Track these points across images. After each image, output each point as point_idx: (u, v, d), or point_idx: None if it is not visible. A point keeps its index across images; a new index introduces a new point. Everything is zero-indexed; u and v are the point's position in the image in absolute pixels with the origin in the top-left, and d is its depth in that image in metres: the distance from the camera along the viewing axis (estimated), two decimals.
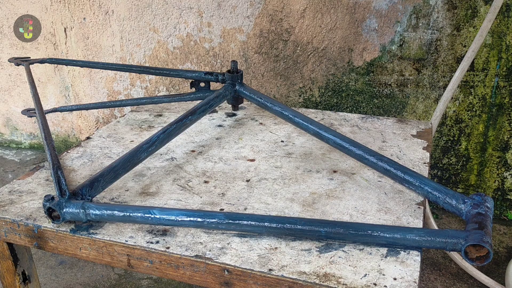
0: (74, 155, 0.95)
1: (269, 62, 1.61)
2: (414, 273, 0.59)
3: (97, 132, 1.06)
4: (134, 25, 1.76)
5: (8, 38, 2.01)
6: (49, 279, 1.39)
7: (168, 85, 1.81)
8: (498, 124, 1.41)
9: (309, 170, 0.86)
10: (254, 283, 0.61)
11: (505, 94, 1.37)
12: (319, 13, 1.49)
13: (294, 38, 1.55)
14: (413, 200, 0.75)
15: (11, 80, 2.11)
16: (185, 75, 1.19)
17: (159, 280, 1.37)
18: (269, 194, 0.78)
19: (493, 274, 1.30)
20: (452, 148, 1.49)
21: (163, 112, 1.18)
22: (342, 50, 1.51)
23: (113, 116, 1.99)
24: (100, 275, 1.41)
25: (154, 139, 0.85)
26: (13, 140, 2.26)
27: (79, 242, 0.70)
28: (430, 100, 1.46)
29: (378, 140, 0.99)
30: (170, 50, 1.75)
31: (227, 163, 0.90)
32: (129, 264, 0.68)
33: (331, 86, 1.57)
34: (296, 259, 0.62)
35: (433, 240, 0.61)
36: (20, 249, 0.81)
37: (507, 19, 1.30)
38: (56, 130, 2.12)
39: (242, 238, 0.66)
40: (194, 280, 0.65)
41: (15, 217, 0.73)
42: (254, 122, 1.10)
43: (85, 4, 1.80)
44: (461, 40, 1.37)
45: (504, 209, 1.51)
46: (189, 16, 1.66)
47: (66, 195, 0.70)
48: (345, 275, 0.59)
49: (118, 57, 1.85)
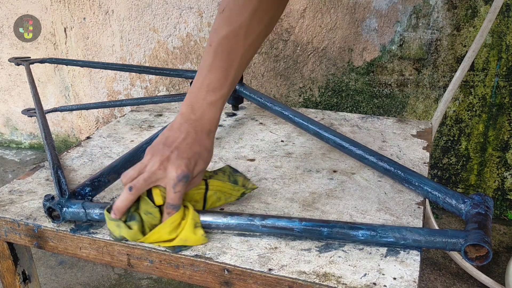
0: (74, 155, 0.95)
1: (269, 62, 1.61)
2: (414, 273, 0.59)
3: (97, 132, 1.06)
4: (134, 25, 1.76)
5: (8, 38, 2.02)
6: (49, 279, 1.40)
7: (168, 85, 1.81)
8: (498, 124, 1.41)
9: (309, 170, 0.86)
10: (254, 283, 0.61)
11: (505, 94, 1.37)
12: (319, 13, 1.49)
13: (294, 38, 1.55)
14: (413, 200, 0.75)
15: (11, 80, 2.11)
16: (185, 75, 1.19)
17: (159, 280, 1.37)
18: (269, 194, 0.78)
19: (493, 274, 1.30)
20: (452, 148, 1.49)
21: (163, 112, 1.19)
22: (342, 50, 1.51)
23: (113, 116, 1.99)
24: (100, 275, 1.41)
25: (154, 139, 0.85)
26: (13, 140, 2.26)
27: (79, 241, 0.70)
28: (430, 100, 1.46)
29: (378, 140, 0.99)
30: (170, 50, 1.75)
31: (227, 163, 0.90)
32: (129, 264, 0.68)
33: (331, 86, 1.57)
34: (296, 259, 0.62)
35: (433, 240, 0.61)
36: (20, 249, 0.81)
37: (507, 19, 1.30)
38: (56, 130, 2.12)
39: (242, 237, 0.66)
40: (194, 280, 0.65)
41: (15, 216, 0.73)
42: (254, 122, 1.10)
43: (85, 4, 1.81)
44: (461, 40, 1.37)
45: (504, 209, 1.51)
46: (189, 16, 1.67)
47: (66, 194, 0.70)
48: (344, 274, 0.59)
49: (118, 57, 1.85)
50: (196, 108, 0.66)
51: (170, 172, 0.61)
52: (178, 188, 0.62)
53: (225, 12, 0.67)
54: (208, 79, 0.66)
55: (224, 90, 0.66)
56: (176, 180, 0.61)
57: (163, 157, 0.62)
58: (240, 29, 0.65)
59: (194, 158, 0.63)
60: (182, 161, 0.62)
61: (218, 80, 0.66)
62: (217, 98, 0.66)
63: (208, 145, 0.67)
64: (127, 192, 0.62)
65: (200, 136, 0.65)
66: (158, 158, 0.62)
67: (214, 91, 0.66)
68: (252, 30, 0.66)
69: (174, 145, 0.64)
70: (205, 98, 0.66)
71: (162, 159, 0.62)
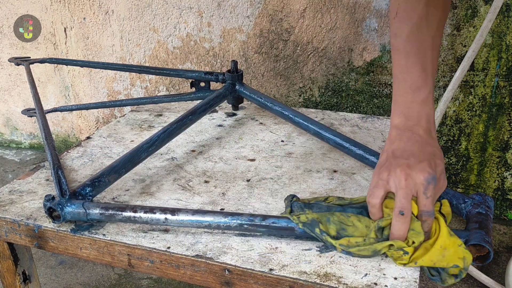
0: (74, 155, 0.95)
1: (269, 62, 1.61)
2: (415, 273, 0.59)
3: (97, 132, 1.06)
4: (134, 25, 1.76)
5: (8, 38, 2.01)
6: (49, 279, 1.40)
7: (168, 85, 1.81)
8: (498, 124, 1.41)
9: (309, 170, 0.86)
10: (254, 283, 0.61)
11: (505, 94, 1.37)
12: (319, 13, 1.49)
13: (294, 38, 1.55)
14: None
15: (11, 80, 2.11)
16: (185, 75, 1.19)
17: (159, 280, 1.37)
18: (269, 194, 0.78)
19: (493, 274, 1.30)
20: (452, 148, 1.49)
21: (163, 112, 1.18)
22: (342, 50, 1.51)
23: (113, 116, 1.99)
24: (100, 275, 1.41)
25: (154, 139, 0.85)
26: (13, 140, 2.26)
27: (79, 242, 0.70)
28: None
29: (378, 140, 0.99)
30: (170, 50, 1.75)
31: (228, 162, 0.90)
32: (130, 264, 0.68)
33: (331, 86, 1.57)
34: (297, 259, 0.62)
35: None
36: (20, 249, 0.81)
37: (507, 19, 1.30)
38: (56, 130, 2.12)
39: (242, 237, 0.66)
40: (194, 280, 0.65)
41: (15, 217, 0.73)
42: (254, 122, 1.10)
43: (85, 4, 1.80)
44: (461, 40, 1.37)
45: (504, 209, 1.51)
46: (189, 16, 1.67)
47: (67, 195, 0.70)
48: (345, 274, 0.59)
49: (118, 57, 1.85)
50: (409, 114, 0.64)
51: (417, 177, 0.58)
52: (430, 192, 0.58)
53: (398, 13, 0.66)
54: (408, 81, 0.65)
55: (429, 84, 0.64)
56: (426, 183, 0.58)
57: (402, 166, 0.59)
58: (421, 21, 0.64)
59: (432, 159, 0.60)
60: (423, 163, 0.59)
61: (419, 77, 0.64)
62: (425, 94, 0.64)
63: (436, 144, 0.63)
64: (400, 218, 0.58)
65: (425, 137, 0.63)
66: (398, 170, 0.59)
67: (419, 89, 0.64)
68: (432, 18, 0.64)
69: (406, 154, 0.61)
70: (414, 100, 0.64)
71: (402, 169, 0.59)
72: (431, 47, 0.65)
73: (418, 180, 0.58)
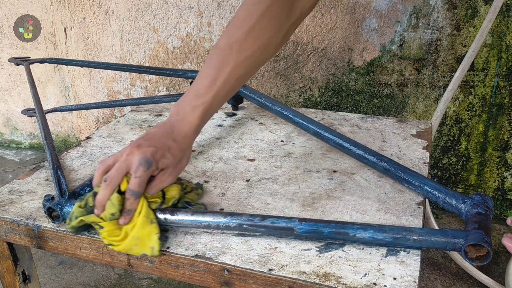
0: (74, 155, 0.95)
1: (269, 62, 1.61)
2: (414, 273, 0.59)
3: (97, 132, 1.06)
4: (134, 25, 1.76)
5: (8, 38, 2.02)
6: (49, 279, 1.40)
7: (168, 85, 1.81)
8: (498, 124, 1.41)
9: (309, 170, 0.86)
10: (254, 283, 0.61)
11: (505, 94, 1.37)
12: (319, 13, 1.49)
13: (294, 38, 1.55)
14: (413, 200, 0.75)
15: (11, 80, 2.11)
16: (185, 75, 1.19)
17: (159, 280, 1.37)
18: (269, 194, 0.78)
19: (493, 274, 1.30)
20: (452, 148, 1.49)
21: (163, 112, 1.18)
22: (342, 50, 1.51)
23: (113, 116, 1.99)
24: (100, 275, 1.41)
25: None
26: (13, 140, 2.26)
27: (79, 241, 0.70)
28: (430, 100, 1.46)
29: (378, 140, 0.99)
30: (170, 50, 1.75)
31: (227, 162, 0.90)
32: (129, 264, 0.68)
33: (331, 86, 1.57)
34: (296, 259, 0.62)
35: (433, 239, 0.61)
36: (20, 249, 0.81)
37: (507, 19, 1.30)
38: (56, 130, 2.12)
39: (242, 237, 0.66)
40: (194, 280, 0.65)
41: (15, 217, 0.73)
42: (254, 122, 1.10)
43: (85, 4, 1.81)
44: (461, 40, 1.37)
45: (504, 209, 1.51)
46: (189, 16, 1.67)
47: (66, 195, 0.70)
48: (345, 274, 0.59)
49: (118, 57, 1.85)
50: (180, 110, 0.69)
51: (134, 156, 0.63)
52: (139, 173, 0.62)
53: (227, 26, 0.71)
54: (197, 84, 0.69)
55: (207, 97, 0.68)
56: (138, 163, 0.62)
57: (133, 145, 0.64)
58: (235, 43, 0.68)
59: (163, 149, 0.64)
60: (149, 148, 0.63)
61: (204, 87, 0.68)
62: (199, 103, 0.68)
63: (182, 146, 0.67)
64: (103, 184, 0.63)
65: (176, 134, 0.67)
66: (129, 146, 0.64)
67: (198, 96, 0.68)
68: (246, 47, 0.69)
69: (147, 137, 0.66)
70: (190, 102, 0.69)
71: (132, 146, 0.64)
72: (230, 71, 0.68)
73: (134, 160, 0.62)
